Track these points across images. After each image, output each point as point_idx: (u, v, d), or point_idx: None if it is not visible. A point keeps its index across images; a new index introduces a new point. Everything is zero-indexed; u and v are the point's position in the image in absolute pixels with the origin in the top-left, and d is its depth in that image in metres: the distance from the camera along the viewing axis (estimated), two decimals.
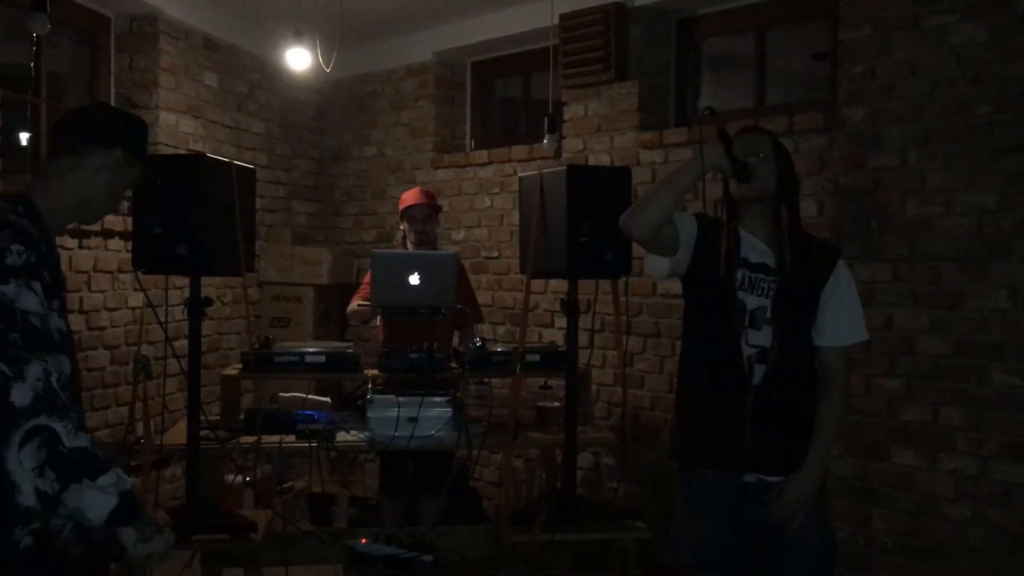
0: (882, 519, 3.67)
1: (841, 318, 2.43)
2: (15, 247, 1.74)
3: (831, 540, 2.49)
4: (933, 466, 3.53)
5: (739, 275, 2.40)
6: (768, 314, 2.37)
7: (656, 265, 2.51)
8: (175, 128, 4.80)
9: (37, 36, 3.85)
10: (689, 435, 2.52)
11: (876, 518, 3.68)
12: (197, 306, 3.16)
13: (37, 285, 1.76)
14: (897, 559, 3.62)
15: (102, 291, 4.33)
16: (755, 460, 2.37)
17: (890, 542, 3.64)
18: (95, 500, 1.74)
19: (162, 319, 3.25)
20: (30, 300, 1.74)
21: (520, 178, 3.55)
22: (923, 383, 3.56)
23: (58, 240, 3.96)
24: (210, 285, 2.44)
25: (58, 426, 1.70)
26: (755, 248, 2.42)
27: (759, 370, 2.37)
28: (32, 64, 4.05)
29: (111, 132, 2.02)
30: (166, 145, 4.70)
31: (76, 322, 4.19)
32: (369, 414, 3.33)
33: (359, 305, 3.99)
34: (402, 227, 4.20)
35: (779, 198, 2.42)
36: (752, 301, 2.39)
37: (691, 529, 2.51)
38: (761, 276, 2.40)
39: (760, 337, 2.37)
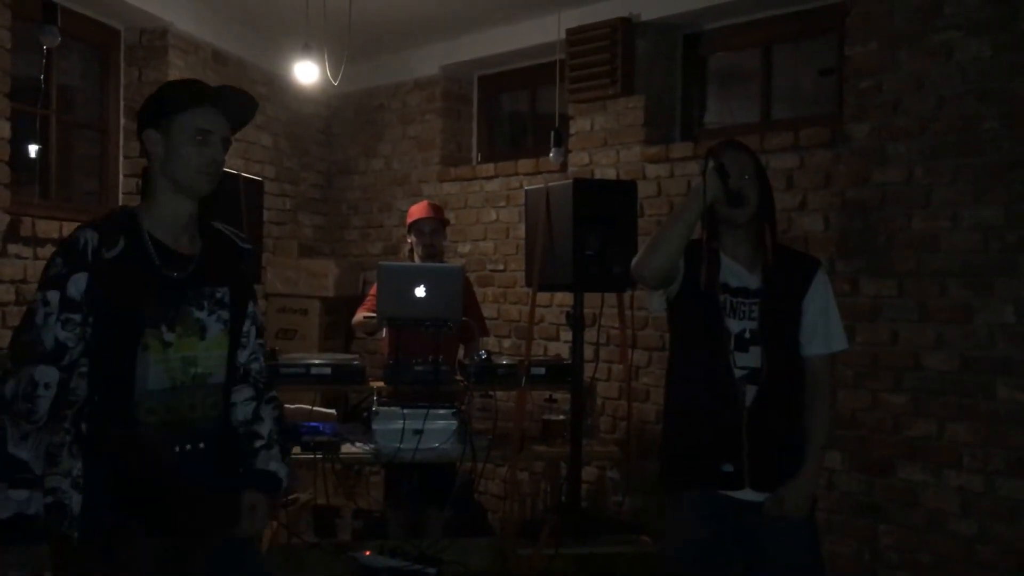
0: (888, 535, 3.65)
1: (822, 326, 2.44)
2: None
3: (820, 562, 2.48)
4: (939, 482, 3.52)
5: (721, 300, 2.41)
6: (749, 335, 2.39)
7: (654, 303, 2.56)
8: None
9: (47, 49, 3.88)
10: (681, 458, 2.50)
11: (882, 534, 3.67)
12: None
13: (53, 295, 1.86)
14: (903, 575, 3.60)
15: None
16: (753, 479, 2.38)
17: (896, 558, 3.63)
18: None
19: None
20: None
21: (526, 191, 3.56)
22: (929, 398, 3.55)
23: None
24: None
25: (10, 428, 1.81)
26: (735, 273, 2.44)
27: (750, 391, 2.37)
28: (42, 77, 4.08)
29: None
30: None
31: None
32: (374, 426, 3.33)
33: (365, 317, 3.99)
34: (409, 240, 4.21)
35: (761, 216, 2.43)
36: (735, 325, 2.40)
37: (681, 541, 2.49)
38: (741, 300, 2.42)
39: (748, 359, 2.38)
